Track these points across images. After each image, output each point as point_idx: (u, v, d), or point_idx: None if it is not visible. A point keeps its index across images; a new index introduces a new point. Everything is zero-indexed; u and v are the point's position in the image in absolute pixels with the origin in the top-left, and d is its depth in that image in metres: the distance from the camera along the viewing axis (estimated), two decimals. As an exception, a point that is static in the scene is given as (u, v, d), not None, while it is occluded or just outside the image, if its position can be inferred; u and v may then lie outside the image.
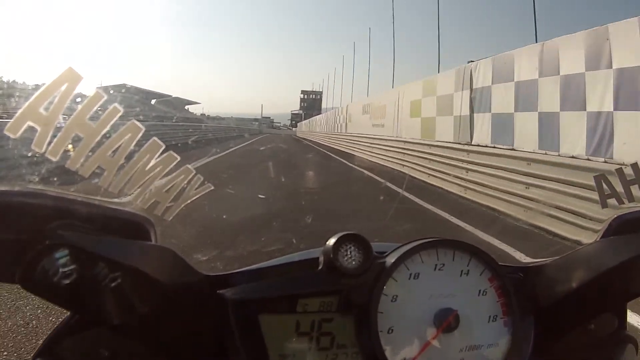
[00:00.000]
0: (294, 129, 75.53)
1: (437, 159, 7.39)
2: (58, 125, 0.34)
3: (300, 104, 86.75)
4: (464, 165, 6.42)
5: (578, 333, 0.52)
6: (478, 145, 6.31)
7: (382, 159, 11.02)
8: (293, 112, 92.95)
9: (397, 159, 9.79)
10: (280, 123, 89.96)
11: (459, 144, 6.86)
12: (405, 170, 8.81)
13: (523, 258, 3.47)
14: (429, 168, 7.72)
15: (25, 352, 1.91)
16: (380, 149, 11.39)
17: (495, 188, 5.47)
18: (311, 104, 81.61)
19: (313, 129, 35.98)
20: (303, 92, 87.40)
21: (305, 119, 68.01)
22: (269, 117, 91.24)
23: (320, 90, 78.76)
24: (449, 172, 6.89)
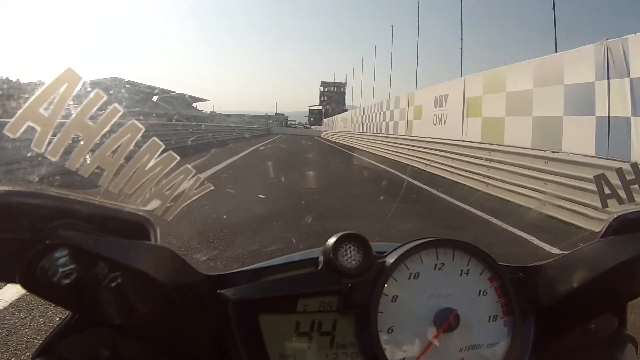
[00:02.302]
0: (312, 127, 63.49)
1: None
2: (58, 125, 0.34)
3: (320, 97, 71.28)
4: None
5: (578, 333, 0.52)
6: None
7: None
8: (311, 107, 75.57)
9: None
10: (295, 121, 75.75)
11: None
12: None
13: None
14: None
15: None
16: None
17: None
18: (333, 97, 68.70)
19: (365, 127, 19.12)
20: (323, 83, 71.29)
21: (327, 115, 57.86)
22: (283, 114, 75.44)
23: (344, 81, 66.08)
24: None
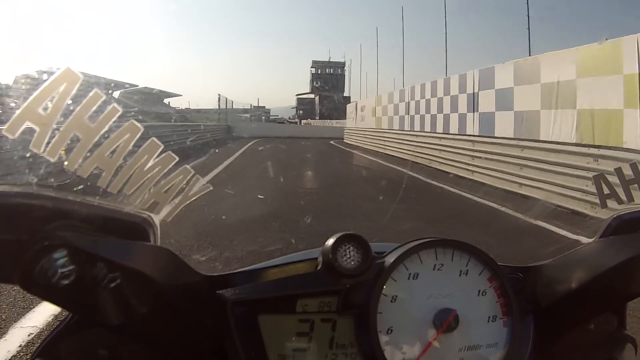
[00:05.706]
0: (303, 121, 47.71)
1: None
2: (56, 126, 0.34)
3: (312, 82, 52.94)
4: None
5: (577, 333, 0.52)
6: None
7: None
8: (300, 96, 57.50)
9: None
10: (278, 116, 58.34)
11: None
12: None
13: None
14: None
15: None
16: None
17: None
18: (329, 82, 51.91)
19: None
20: (316, 64, 52.86)
21: (321, 103, 45.83)
22: (264, 107, 55.74)
23: (343, 61, 50.79)
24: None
